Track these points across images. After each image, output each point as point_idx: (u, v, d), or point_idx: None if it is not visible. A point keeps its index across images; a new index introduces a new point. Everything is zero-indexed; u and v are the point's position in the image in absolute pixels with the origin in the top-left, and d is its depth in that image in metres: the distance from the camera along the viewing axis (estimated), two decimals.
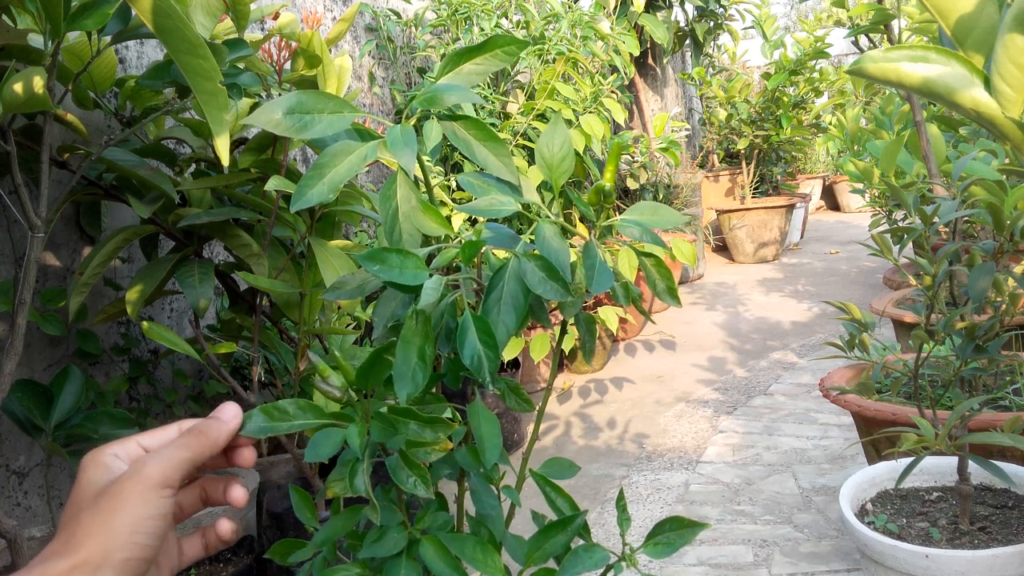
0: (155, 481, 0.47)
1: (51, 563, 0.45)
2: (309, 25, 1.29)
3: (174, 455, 0.49)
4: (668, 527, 0.64)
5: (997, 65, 0.47)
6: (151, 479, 0.47)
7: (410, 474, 0.53)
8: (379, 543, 0.55)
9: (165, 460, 0.48)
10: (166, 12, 0.84)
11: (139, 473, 0.47)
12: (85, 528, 0.46)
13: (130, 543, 0.46)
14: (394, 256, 0.53)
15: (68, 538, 0.46)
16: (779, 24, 5.77)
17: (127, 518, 0.46)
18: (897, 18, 1.71)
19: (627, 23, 3.83)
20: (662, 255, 0.71)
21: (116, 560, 0.45)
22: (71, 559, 0.45)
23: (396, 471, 0.53)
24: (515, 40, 0.61)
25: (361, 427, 0.51)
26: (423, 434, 0.52)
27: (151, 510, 0.47)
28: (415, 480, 0.53)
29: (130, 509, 0.46)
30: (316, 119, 0.55)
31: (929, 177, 1.63)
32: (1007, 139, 0.50)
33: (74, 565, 0.44)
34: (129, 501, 0.47)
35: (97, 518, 0.46)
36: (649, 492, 2.10)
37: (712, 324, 3.71)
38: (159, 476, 0.48)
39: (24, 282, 1.02)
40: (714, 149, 5.44)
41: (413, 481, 0.53)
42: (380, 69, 2.91)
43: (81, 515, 0.47)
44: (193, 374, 1.75)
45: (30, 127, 1.23)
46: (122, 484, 0.47)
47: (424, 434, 0.52)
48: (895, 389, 1.48)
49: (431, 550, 0.56)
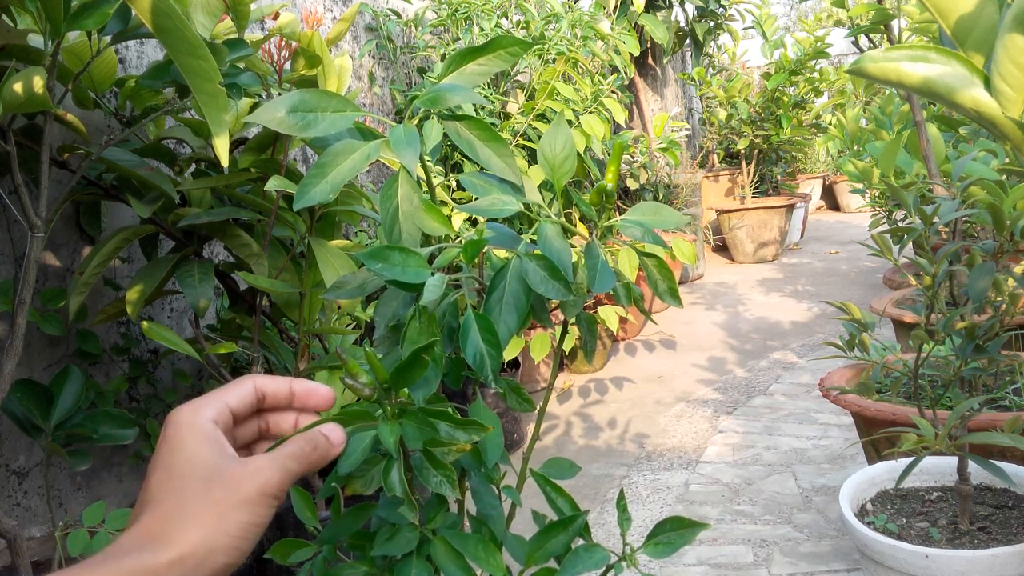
0: (272, 492, 0.46)
1: (149, 550, 0.42)
2: (309, 25, 1.29)
3: (291, 468, 0.47)
4: (668, 527, 0.64)
5: (997, 65, 0.47)
6: (270, 488, 0.46)
7: (435, 473, 0.52)
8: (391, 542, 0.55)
9: (284, 472, 0.47)
10: (166, 12, 0.84)
11: (259, 478, 0.45)
12: (190, 514, 0.43)
13: (233, 548, 0.44)
14: (396, 254, 0.53)
15: (167, 517, 0.43)
16: (779, 24, 5.78)
17: (238, 522, 0.44)
18: (897, 18, 1.71)
19: (627, 23, 3.83)
20: (663, 255, 0.72)
21: (217, 563, 0.43)
22: (172, 550, 0.42)
23: (421, 470, 0.52)
24: (518, 41, 0.61)
25: (394, 426, 0.50)
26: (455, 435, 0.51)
27: (260, 519, 0.45)
28: (440, 480, 0.52)
29: (243, 515, 0.44)
30: (319, 117, 0.55)
31: (929, 177, 1.63)
32: (1007, 139, 0.50)
33: (173, 560, 0.42)
34: (243, 506, 0.44)
35: (208, 509, 0.43)
36: (649, 492, 2.10)
37: (712, 324, 3.71)
38: (277, 488, 0.46)
39: (24, 282, 1.02)
40: (714, 149, 5.44)
41: (438, 480, 0.52)
42: (380, 69, 2.91)
43: (185, 493, 0.44)
44: (193, 374, 1.75)
45: (30, 127, 1.23)
46: (240, 484, 0.45)
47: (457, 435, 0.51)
48: (895, 389, 1.48)
49: (442, 550, 0.56)
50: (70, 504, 1.52)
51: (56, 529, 1.11)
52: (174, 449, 0.46)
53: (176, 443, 0.46)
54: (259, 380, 0.52)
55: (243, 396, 0.50)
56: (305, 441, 0.49)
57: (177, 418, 0.47)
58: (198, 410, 0.48)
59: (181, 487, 0.44)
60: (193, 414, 0.47)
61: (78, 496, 1.54)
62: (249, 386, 0.51)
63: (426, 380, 0.52)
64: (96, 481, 1.58)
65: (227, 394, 0.50)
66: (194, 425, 0.47)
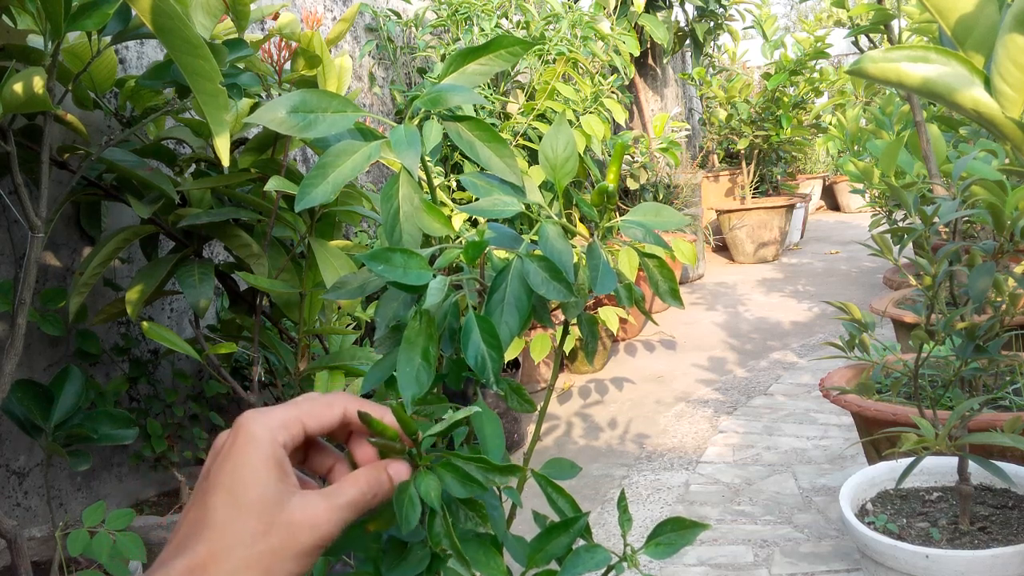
0: (327, 543, 0.43)
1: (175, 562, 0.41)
2: (309, 25, 1.29)
3: (346, 517, 0.44)
4: (669, 527, 0.64)
5: (997, 65, 0.47)
6: (325, 541, 0.43)
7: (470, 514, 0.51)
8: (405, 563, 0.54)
9: (341, 524, 0.44)
10: (166, 12, 0.84)
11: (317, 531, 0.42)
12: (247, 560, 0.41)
13: None
14: (398, 256, 0.53)
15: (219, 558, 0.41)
16: (779, 24, 5.77)
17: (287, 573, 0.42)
18: (897, 18, 1.71)
19: (627, 23, 3.83)
20: (664, 256, 0.72)
21: None
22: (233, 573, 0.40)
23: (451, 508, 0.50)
24: (519, 41, 0.61)
25: (432, 480, 0.48)
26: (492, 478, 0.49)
27: (307, 570, 0.43)
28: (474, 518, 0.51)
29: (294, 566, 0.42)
30: (320, 118, 0.55)
31: (929, 177, 1.63)
32: (1007, 139, 0.50)
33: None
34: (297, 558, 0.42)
35: (263, 560, 0.41)
36: (649, 492, 2.10)
37: (712, 324, 3.71)
38: (331, 539, 0.43)
39: (24, 282, 1.02)
40: (714, 149, 5.44)
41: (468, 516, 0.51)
42: (380, 69, 2.91)
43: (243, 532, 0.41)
44: (193, 374, 1.75)
45: (30, 127, 1.23)
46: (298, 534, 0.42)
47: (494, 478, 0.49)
48: (895, 389, 1.48)
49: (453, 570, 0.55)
50: (70, 504, 1.52)
51: (56, 529, 1.11)
52: (239, 470, 0.42)
53: (243, 462, 0.42)
54: (351, 405, 0.47)
55: (324, 421, 0.46)
56: (368, 485, 0.45)
57: (250, 428, 0.43)
58: (274, 428, 0.44)
59: (242, 523, 0.42)
60: (267, 430, 0.43)
61: (78, 496, 1.54)
62: (339, 412, 0.46)
63: (418, 380, 0.52)
64: (96, 481, 1.58)
65: (308, 415, 0.46)
66: (265, 443, 0.43)
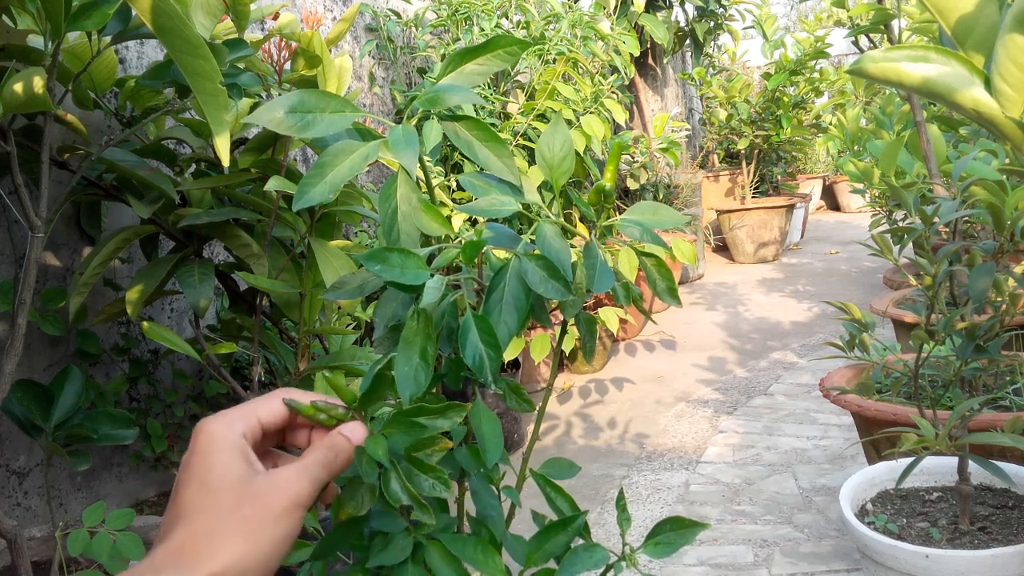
0: (303, 503, 0.46)
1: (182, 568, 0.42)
2: (309, 25, 1.29)
3: (319, 476, 0.47)
4: (668, 527, 0.64)
5: (997, 65, 0.47)
6: (300, 499, 0.45)
7: (426, 478, 0.52)
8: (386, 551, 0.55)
9: (312, 481, 0.47)
10: (166, 12, 0.84)
11: (288, 491, 0.45)
12: (222, 532, 0.43)
13: (265, 563, 0.44)
14: (396, 256, 0.53)
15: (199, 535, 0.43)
16: (779, 24, 5.78)
17: (271, 537, 0.44)
18: (897, 18, 1.71)
19: (627, 23, 3.83)
20: (662, 255, 0.72)
21: None
22: (204, 569, 0.42)
23: (411, 478, 0.52)
24: (517, 40, 0.61)
25: (377, 438, 0.50)
26: (436, 424, 0.51)
27: (292, 531, 0.45)
28: (432, 483, 0.52)
29: (275, 529, 0.44)
30: (318, 118, 0.55)
31: (929, 177, 1.63)
32: (1007, 139, 0.50)
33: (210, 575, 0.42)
34: (275, 520, 0.44)
35: (240, 527, 0.43)
36: (649, 492, 2.10)
37: (712, 324, 3.71)
38: (307, 498, 0.46)
39: (24, 282, 1.02)
40: (714, 149, 5.44)
41: (431, 484, 0.52)
42: (380, 69, 2.91)
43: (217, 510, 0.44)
44: (193, 374, 1.75)
45: (30, 127, 1.23)
46: (271, 498, 0.45)
47: (437, 424, 0.51)
48: (895, 389, 1.48)
49: (436, 556, 0.56)
50: (70, 504, 1.52)
51: (56, 529, 1.11)
52: (205, 462, 0.45)
53: (207, 456, 0.46)
54: (287, 395, 0.51)
55: (274, 411, 0.50)
56: (328, 447, 0.49)
57: (208, 428, 0.47)
58: (230, 422, 0.47)
59: (213, 503, 0.44)
60: (224, 426, 0.47)
61: (78, 496, 1.54)
62: (278, 402, 0.51)
63: (415, 380, 0.52)
64: (96, 481, 1.58)
65: (258, 408, 0.50)
66: (225, 438, 0.46)
